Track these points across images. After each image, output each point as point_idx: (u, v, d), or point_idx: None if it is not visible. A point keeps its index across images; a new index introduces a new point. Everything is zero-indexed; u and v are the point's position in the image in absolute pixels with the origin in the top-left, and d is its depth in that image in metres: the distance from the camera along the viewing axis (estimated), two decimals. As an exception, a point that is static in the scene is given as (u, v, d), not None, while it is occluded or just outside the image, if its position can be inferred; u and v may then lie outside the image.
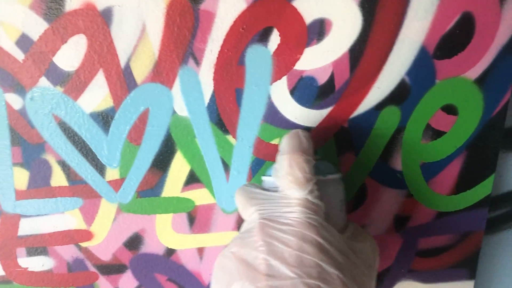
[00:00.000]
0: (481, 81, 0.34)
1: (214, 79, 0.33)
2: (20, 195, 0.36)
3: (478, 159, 0.36)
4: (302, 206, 0.27)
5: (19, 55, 0.32)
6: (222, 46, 0.32)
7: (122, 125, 0.34)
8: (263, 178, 0.32)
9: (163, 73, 0.33)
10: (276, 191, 0.29)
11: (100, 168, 0.35)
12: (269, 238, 0.27)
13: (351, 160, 0.36)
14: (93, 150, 0.35)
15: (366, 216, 0.38)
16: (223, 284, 0.28)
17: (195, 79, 0.33)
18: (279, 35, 0.32)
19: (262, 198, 0.29)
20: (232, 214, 0.37)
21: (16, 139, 0.34)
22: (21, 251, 0.37)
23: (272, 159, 0.36)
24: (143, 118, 0.34)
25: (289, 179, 0.28)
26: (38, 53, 0.32)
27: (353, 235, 0.30)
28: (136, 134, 0.34)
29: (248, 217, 0.30)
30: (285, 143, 0.30)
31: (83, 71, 0.32)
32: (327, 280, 0.26)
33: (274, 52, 0.33)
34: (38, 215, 0.36)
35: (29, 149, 0.34)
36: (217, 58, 0.33)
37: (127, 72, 0.33)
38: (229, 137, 0.35)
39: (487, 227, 0.40)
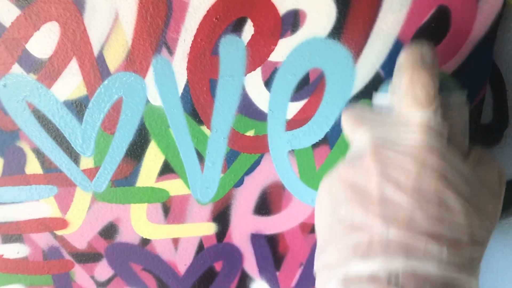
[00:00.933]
0: (457, 75, 0.33)
1: (188, 68, 0.33)
2: (-5, 182, 0.36)
3: (454, 154, 0.36)
4: (423, 128, 0.24)
5: (-8, 42, 0.32)
6: (196, 36, 0.32)
7: (96, 113, 0.34)
8: (375, 94, 0.28)
9: (136, 61, 0.33)
10: (390, 111, 0.26)
11: (75, 157, 0.35)
12: (384, 161, 0.24)
13: (326, 153, 0.35)
14: (67, 139, 0.35)
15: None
16: (329, 210, 0.25)
17: (169, 68, 0.33)
18: (253, 26, 0.32)
19: (374, 118, 0.26)
20: (207, 205, 0.37)
21: (-10, 126, 0.34)
22: (-4, 238, 0.38)
23: (247, 151, 0.36)
24: (117, 107, 0.34)
25: (409, 98, 0.24)
26: (10, 39, 0.32)
27: (478, 161, 0.26)
28: (110, 123, 0.34)
29: (356, 140, 0.26)
30: (406, 56, 0.26)
31: (56, 58, 0.32)
32: (449, 210, 0.23)
33: (248, 43, 0.32)
34: (13, 203, 0.36)
35: (3, 136, 0.34)
36: (191, 47, 0.32)
37: (101, 61, 0.33)
38: (204, 128, 0.35)
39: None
